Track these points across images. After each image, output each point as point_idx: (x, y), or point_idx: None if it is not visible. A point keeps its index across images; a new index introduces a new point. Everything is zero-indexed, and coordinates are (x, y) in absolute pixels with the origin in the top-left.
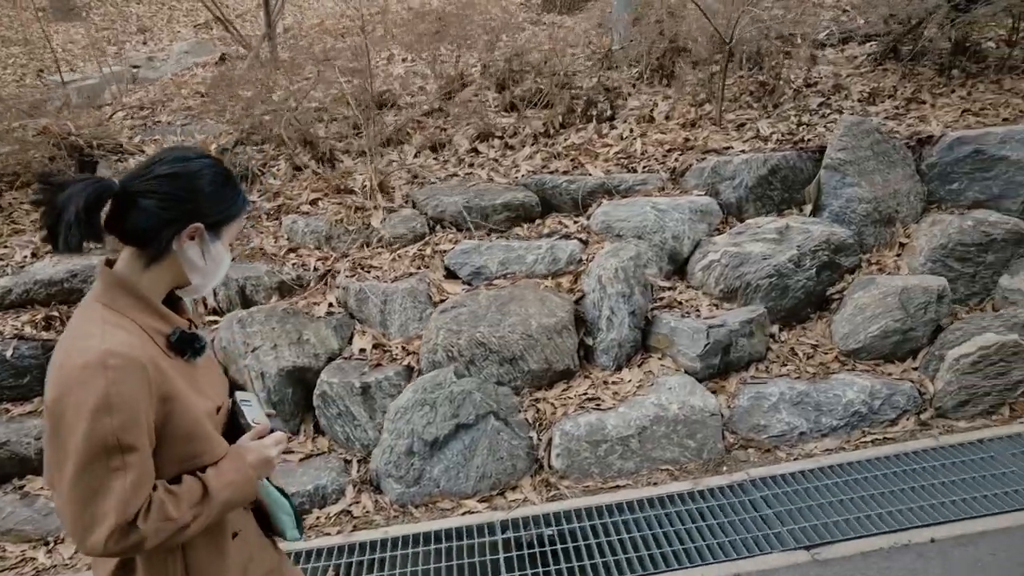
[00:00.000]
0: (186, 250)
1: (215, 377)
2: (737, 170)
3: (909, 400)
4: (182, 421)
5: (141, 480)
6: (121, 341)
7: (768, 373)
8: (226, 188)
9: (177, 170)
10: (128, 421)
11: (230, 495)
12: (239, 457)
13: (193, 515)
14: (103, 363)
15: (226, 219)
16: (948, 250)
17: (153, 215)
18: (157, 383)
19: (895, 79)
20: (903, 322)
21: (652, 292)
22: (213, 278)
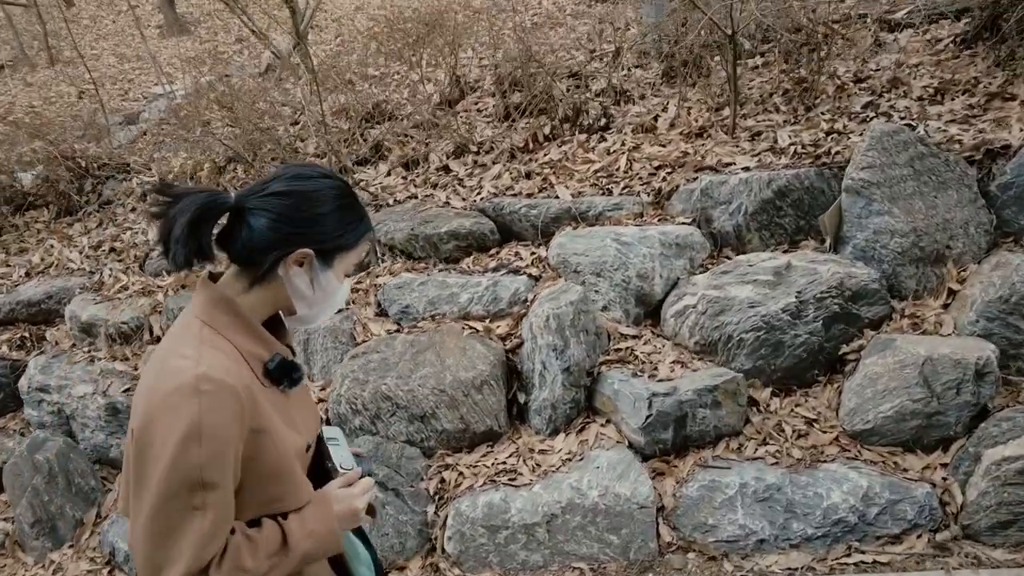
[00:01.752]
0: (292, 276)
1: (308, 411)
2: (734, 192)
3: (923, 511)
4: (270, 458)
5: (220, 523)
6: (217, 365)
7: (738, 454)
8: (345, 213)
9: (292, 188)
10: (215, 455)
11: (310, 547)
12: (325, 505)
13: (270, 565)
14: (196, 388)
15: (340, 248)
16: (1011, 305)
17: (261, 234)
18: (250, 414)
19: (983, 67)
20: (925, 403)
21: (609, 341)
22: (322, 310)
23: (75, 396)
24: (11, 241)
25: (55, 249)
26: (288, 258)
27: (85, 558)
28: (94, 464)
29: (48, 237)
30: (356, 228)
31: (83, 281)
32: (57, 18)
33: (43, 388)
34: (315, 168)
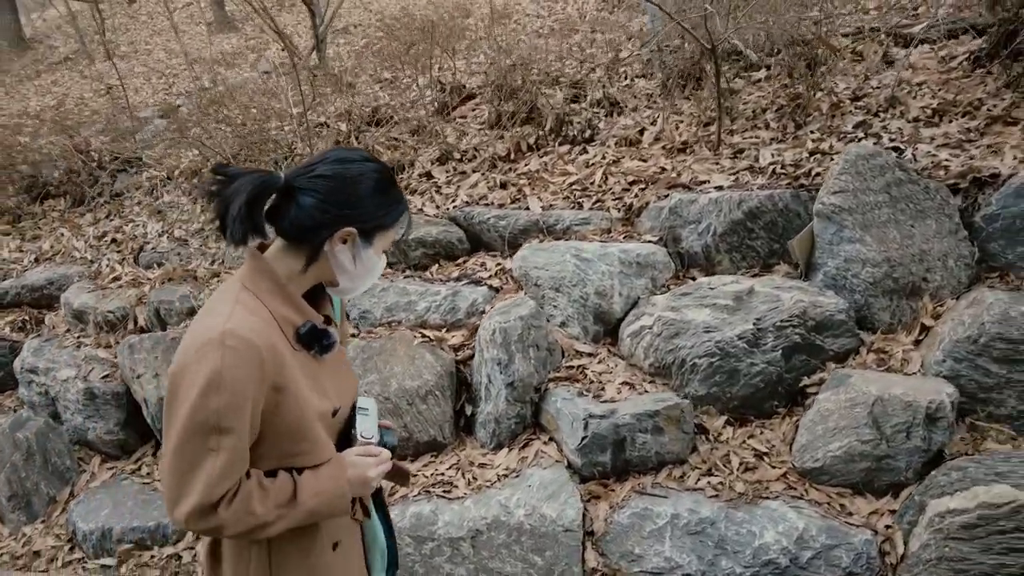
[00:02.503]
0: (337, 252)
1: (342, 379)
2: (703, 212)
3: (860, 559)
4: (290, 415)
5: (231, 466)
6: (244, 323)
7: (680, 483)
8: (384, 195)
9: (336, 171)
10: (232, 404)
11: (317, 505)
12: (339, 467)
13: (277, 515)
14: (222, 342)
15: (380, 226)
16: (980, 346)
17: (309, 214)
18: (273, 371)
19: (992, 88)
20: (874, 445)
21: (563, 357)
22: (362, 282)
23: (59, 379)
24: (28, 228)
25: (64, 238)
26: (334, 235)
27: (52, 534)
28: (73, 445)
29: (60, 226)
30: (395, 209)
31: (83, 270)
32: (119, 14)
33: (33, 369)
34: (358, 152)
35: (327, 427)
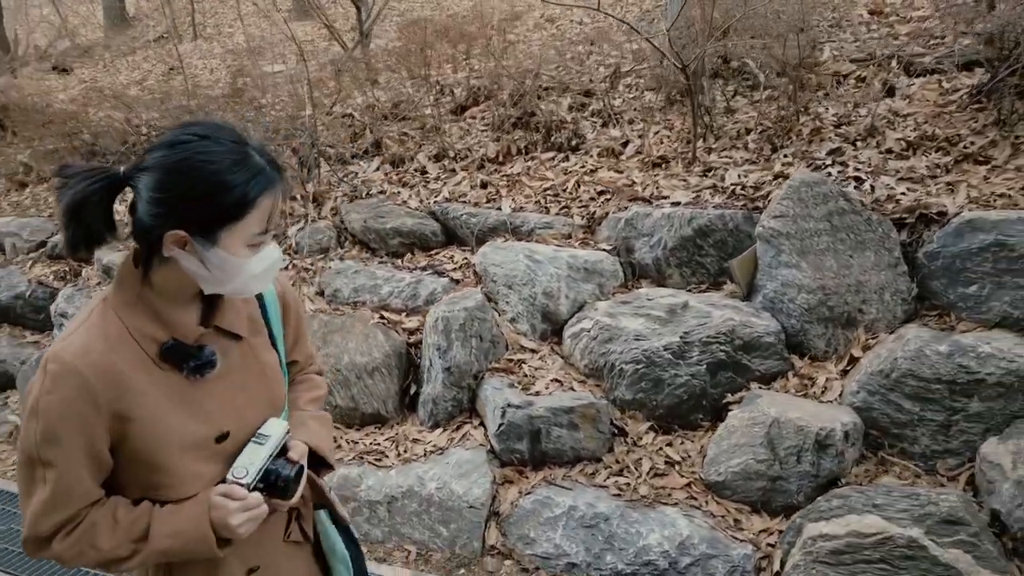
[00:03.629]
0: (179, 258)
1: (248, 398)
2: (656, 226)
3: (735, 572)
4: (141, 446)
5: (56, 501)
6: (76, 345)
7: (589, 479)
8: (222, 183)
9: (162, 160)
10: (47, 434)
11: (173, 545)
12: (200, 509)
13: (131, 551)
14: (44, 366)
15: (222, 221)
16: (892, 381)
17: (139, 216)
18: (109, 399)
19: (980, 124)
20: (768, 465)
21: (507, 350)
22: (232, 285)
23: None
24: None
25: None
26: (165, 240)
27: None
28: None
29: None
30: (239, 195)
31: None
32: None
33: (63, 314)
34: (196, 128)
35: (206, 456)
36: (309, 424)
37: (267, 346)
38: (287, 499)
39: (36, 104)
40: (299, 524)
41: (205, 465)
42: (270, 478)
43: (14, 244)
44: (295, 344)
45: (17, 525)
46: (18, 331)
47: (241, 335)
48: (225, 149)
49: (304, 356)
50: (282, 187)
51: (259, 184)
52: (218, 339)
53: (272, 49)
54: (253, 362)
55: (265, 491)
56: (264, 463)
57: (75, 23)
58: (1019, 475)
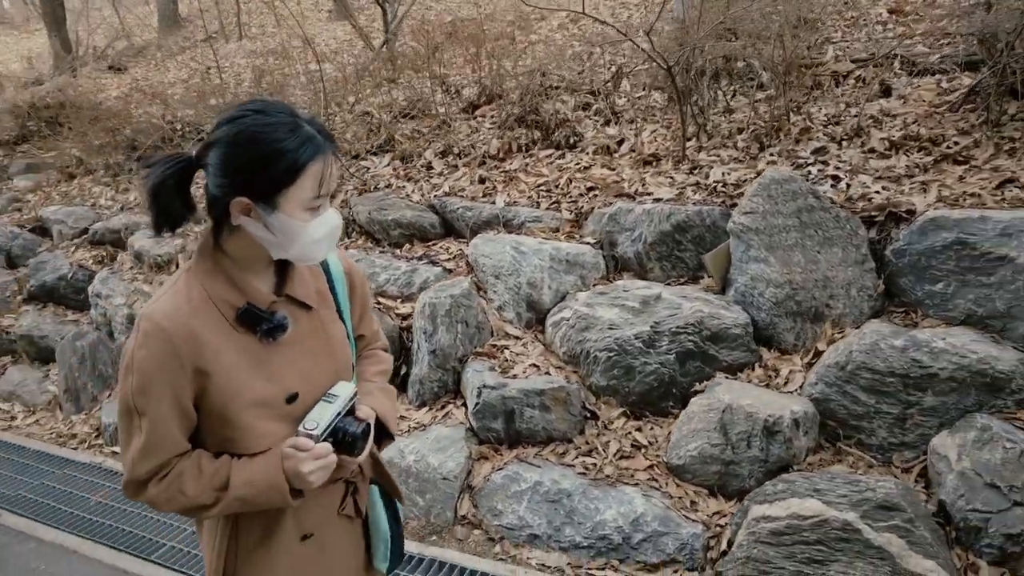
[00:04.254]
0: (246, 225)
1: (315, 362)
2: (637, 221)
3: (684, 549)
4: (216, 401)
5: (150, 447)
6: (165, 306)
7: (559, 459)
8: (272, 151)
9: (221, 136)
10: (141, 386)
11: (249, 494)
12: (273, 459)
13: (215, 497)
14: (138, 325)
15: (276, 187)
16: (848, 373)
17: (209, 189)
18: (191, 356)
19: (968, 125)
20: (722, 450)
21: (492, 336)
22: (298, 249)
23: (114, 304)
24: (122, 182)
25: None
26: (231, 210)
27: (89, 424)
28: (117, 357)
29: None
30: (291, 160)
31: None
32: None
33: (99, 295)
34: (251, 105)
35: (276, 415)
36: (376, 394)
37: (335, 318)
38: (354, 455)
39: (90, 102)
40: (354, 499)
41: (275, 424)
42: (338, 434)
43: (60, 231)
44: (361, 319)
45: (50, 481)
46: (60, 310)
47: (310, 305)
48: (277, 120)
49: (370, 332)
50: (332, 153)
51: (309, 150)
52: (289, 307)
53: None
54: (321, 331)
55: (333, 446)
56: (333, 419)
57: (132, 24)
58: (963, 467)
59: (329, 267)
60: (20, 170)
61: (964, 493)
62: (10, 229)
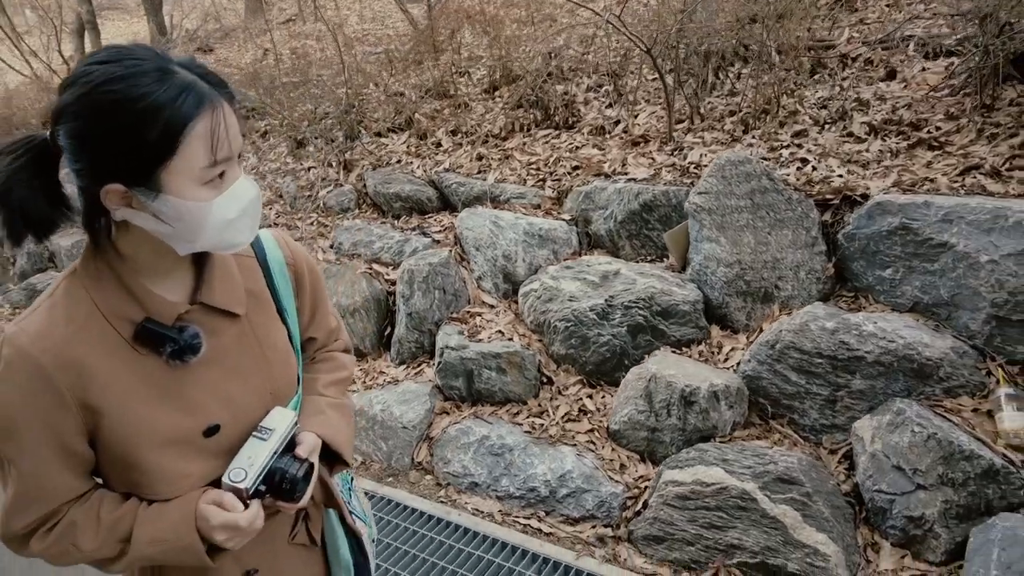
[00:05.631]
0: (131, 217)
1: (238, 385)
2: (610, 200)
3: (602, 507)
4: (113, 441)
5: (25, 499)
6: (36, 328)
7: (511, 418)
8: (134, 109)
9: (63, 105)
10: (5, 430)
11: (154, 554)
12: (185, 512)
13: (117, 551)
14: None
15: (152, 162)
16: (777, 352)
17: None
18: (73, 389)
19: (959, 110)
20: (647, 417)
21: (469, 303)
22: (202, 236)
23: None
24: None
25: None
26: (104, 203)
27: None
28: None
29: None
30: (164, 123)
31: None
32: None
33: None
34: (98, 56)
35: (192, 451)
36: (326, 413)
37: (273, 323)
38: (294, 501)
39: None
40: (306, 525)
41: (192, 463)
42: (274, 478)
43: None
44: (312, 318)
45: None
46: None
47: (237, 312)
48: (136, 70)
49: (324, 332)
50: (225, 102)
51: (189, 102)
52: (207, 317)
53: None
54: (252, 343)
55: (268, 493)
56: (267, 461)
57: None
58: (874, 449)
59: (266, 258)
60: None
61: (873, 474)
62: None
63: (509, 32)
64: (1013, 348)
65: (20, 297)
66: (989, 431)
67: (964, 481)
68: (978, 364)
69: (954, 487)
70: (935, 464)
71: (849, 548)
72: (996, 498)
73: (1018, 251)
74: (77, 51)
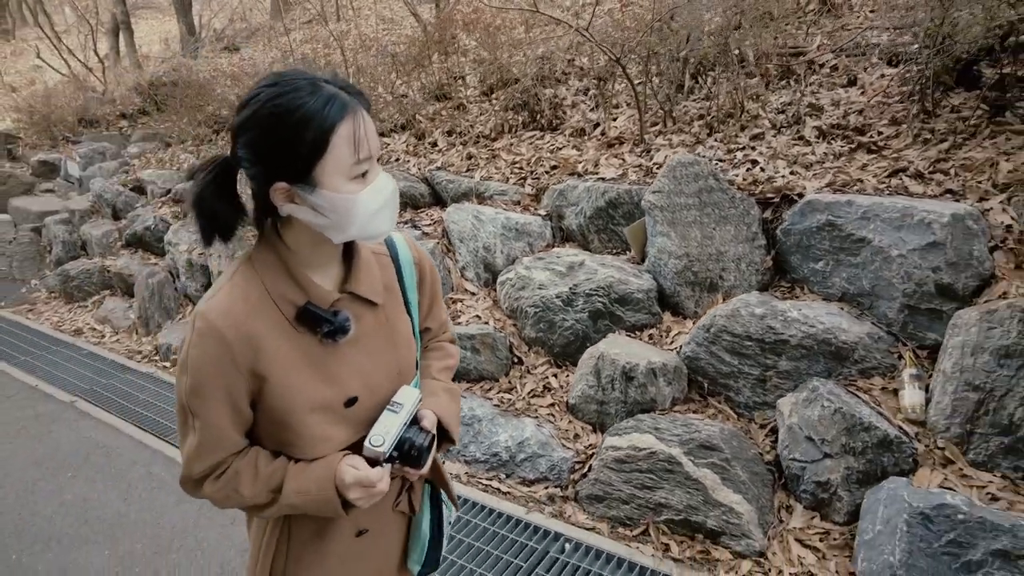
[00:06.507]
0: (295, 213)
1: (376, 363)
2: (580, 197)
3: (554, 469)
4: (272, 404)
5: (203, 448)
6: (221, 306)
7: (483, 393)
8: (292, 119)
9: (238, 122)
10: (194, 387)
11: (301, 503)
12: (327, 471)
13: (269, 499)
14: (193, 323)
15: (309, 162)
16: (712, 335)
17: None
18: (247, 358)
19: (905, 113)
20: (596, 391)
21: (452, 291)
22: (352, 226)
23: (179, 251)
24: (206, 150)
25: None
26: (273, 200)
27: (152, 345)
28: (182, 296)
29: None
30: (316, 128)
31: None
32: None
33: (169, 243)
34: (263, 81)
35: (334, 419)
36: (440, 395)
37: (401, 313)
38: (419, 468)
39: (193, 80)
40: (408, 496)
41: (333, 428)
42: (404, 447)
43: (152, 190)
44: (429, 311)
45: (116, 383)
46: (146, 255)
47: (376, 301)
48: (292, 87)
49: (437, 324)
50: (364, 109)
51: (334, 109)
52: (353, 304)
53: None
54: (386, 329)
55: (399, 459)
56: (399, 431)
57: (249, 6)
58: (791, 422)
59: (398, 256)
60: (138, 139)
61: (789, 445)
62: (117, 187)
63: (506, 38)
64: (923, 334)
65: (55, 282)
66: (892, 407)
67: (863, 450)
68: (891, 348)
69: (855, 455)
70: (839, 435)
71: (763, 509)
72: (890, 465)
73: (922, 246)
74: (112, 50)
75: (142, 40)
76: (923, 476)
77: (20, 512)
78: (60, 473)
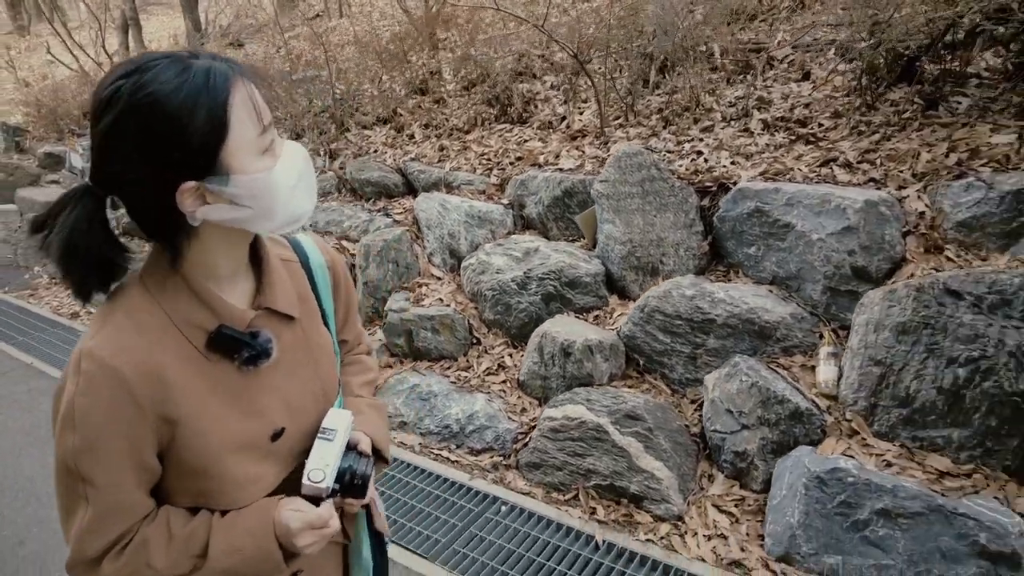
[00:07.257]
0: (209, 214)
1: (296, 388)
2: (539, 187)
3: (498, 440)
4: (186, 451)
5: (103, 519)
6: (113, 339)
7: (443, 372)
8: (176, 102)
9: (104, 129)
10: (86, 444)
11: (232, 565)
12: (261, 519)
13: (191, 567)
14: (77, 365)
15: (213, 144)
16: (646, 315)
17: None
18: (153, 399)
19: (852, 107)
20: (539, 367)
21: (420, 275)
22: (279, 210)
23: None
24: None
25: None
26: (181, 206)
27: None
28: None
29: None
30: (207, 105)
31: None
32: None
33: None
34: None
35: (260, 456)
36: (366, 412)
37: (318, 325)
38: (363, 498)
39: None
40: (341, 522)
41: (261, 467)
42: (345, 477)
43: None
44: (345, 321)
45: None
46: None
47: (293, 315)
48: (157, 71)
49: (354, 334)
50: (246, 73)
51: (218, 81)
52: (270, 322)
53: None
54: (304, 345)
55: (341, 492)
56: (337, 461)
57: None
58: (714, 395)
59: (308, 260)
60: None
61: (711, 417)
62: None
63: (484, 35)
64: (844, 315)
65: None
66: (809, 382)
67: (776, 421)
68: (813, 328)
69: (769, 427)
70: (755, 407)
71: (685, 476)
72: (801, 435)
73: (838, 230)
74: (121, 46)
75: (151, 36)
76: (828, 445)
77: (5, 472)
78: (46, 441)
